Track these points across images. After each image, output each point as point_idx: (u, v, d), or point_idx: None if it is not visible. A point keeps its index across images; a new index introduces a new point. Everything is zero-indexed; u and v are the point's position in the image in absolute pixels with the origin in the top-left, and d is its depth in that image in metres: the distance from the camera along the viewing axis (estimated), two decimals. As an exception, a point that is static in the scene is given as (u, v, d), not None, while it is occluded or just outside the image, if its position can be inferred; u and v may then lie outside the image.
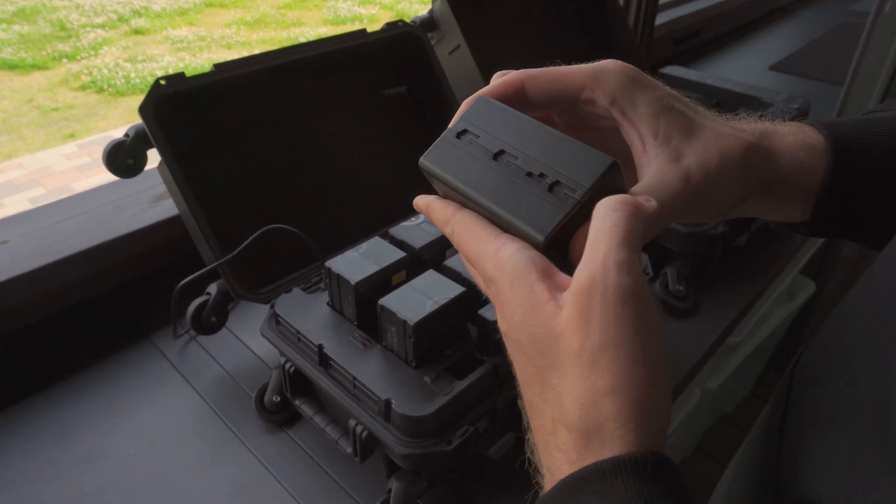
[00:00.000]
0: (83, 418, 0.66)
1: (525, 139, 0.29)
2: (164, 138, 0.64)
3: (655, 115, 0.30)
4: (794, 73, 1.58)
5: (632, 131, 0.31)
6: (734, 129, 0.32)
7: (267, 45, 4.77)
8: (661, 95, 0.31)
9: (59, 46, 4.56)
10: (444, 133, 0.31)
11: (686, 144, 0.30)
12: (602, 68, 0.31)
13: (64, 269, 0.72)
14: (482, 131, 0.30)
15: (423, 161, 0.31)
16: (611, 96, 0.30)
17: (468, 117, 0.31)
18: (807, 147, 0.34)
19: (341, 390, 0.56)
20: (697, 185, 0.30)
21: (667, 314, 0.81)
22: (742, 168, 0.31)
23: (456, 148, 0.30)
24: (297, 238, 0.66)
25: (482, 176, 0.29)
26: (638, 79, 0.31)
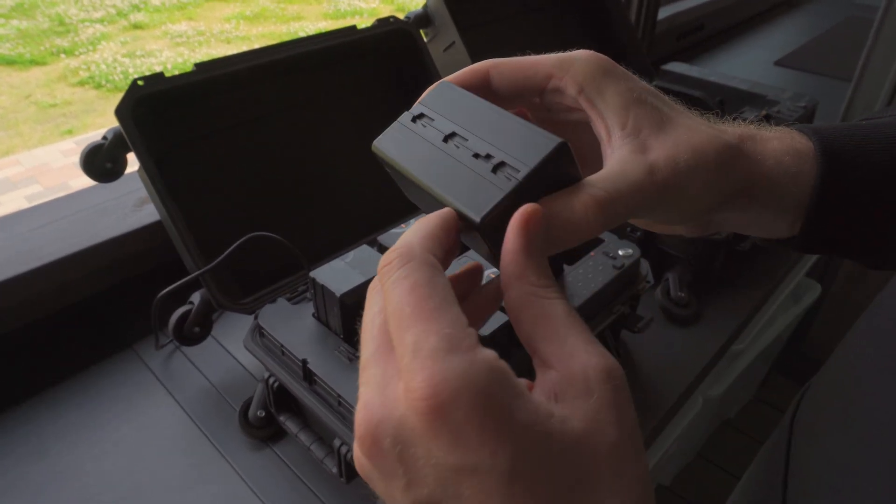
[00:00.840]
0: (60, 433, 0.64)
1: (478, 121, 0.27)
2: (142, 141, 0.61)
3: (625, 107, 0.28)
4: (800, 69, 1.55)
5: (599, 122, 0.29)
6: (713, 128, 0.29)
7: (267, 39, 4.74)
8: (633, 87, 0.29)
9: (57, 42, 4.53)
10: (400, 117, 0.30)
11: (655, 138, 0.28)
12: (571, 56, 0.29)
13: (42, 277, 0.69)
14: (437, 115, 0.29)
15: (375, 145, 0.30)
16: (578, 85, 0.28)
17: (427, 101, 0.29)
18: (794, 152, 0.31)
19: (326, 408, 0.53)
20: (665, 179, 0.27)
21: (668, 322, 0.79)
22: (717, 169, 0.29)
23: (409, 132, 0.29)
24: (281, 246, 0.63)
25: (430, 159, 0.27)
26: (609, 68, 0.29)
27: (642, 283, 0.66)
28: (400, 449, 0.20)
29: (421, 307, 0.21)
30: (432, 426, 0.19)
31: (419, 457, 0.20)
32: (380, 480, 0.21)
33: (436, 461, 0.19)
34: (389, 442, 0.20)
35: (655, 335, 0.77)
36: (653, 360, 0.73)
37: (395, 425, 0.20)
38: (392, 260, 0.23)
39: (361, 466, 0.22)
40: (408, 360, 0.20)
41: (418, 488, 0.20)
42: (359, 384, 0.22)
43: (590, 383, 0.21)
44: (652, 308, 0.79)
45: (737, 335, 0.81)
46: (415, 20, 0.89)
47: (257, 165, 0.72)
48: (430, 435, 0.19)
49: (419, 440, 0.19)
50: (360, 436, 0.21)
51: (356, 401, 0.53)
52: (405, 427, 0.20)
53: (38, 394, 0.68)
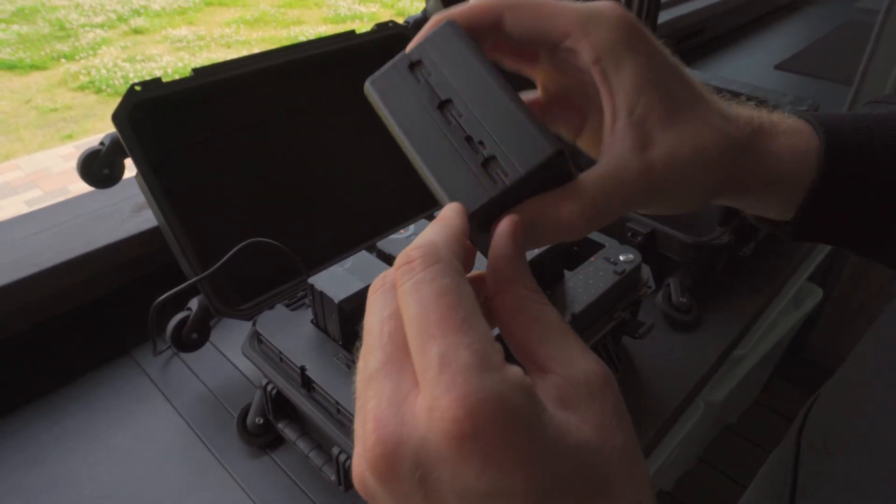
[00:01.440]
0: (56, 440, 0.63)
1: (477, 95, 0.25)
2: (139, 147, 0.61)
3: (638, 89, 0.26)
4: (800, 73, 1.54)
5: (608, 100, 0.27)
6: (723, 121, 0.28)
7: (267, 43, 4.74)
8: (653, 65, 0.27)
9: (57, 46, 4.53)
10: (396, 57, 0.28)
11: (660, 131, 0.27)
12: (595, 15, 0.26)
13: (39, 283, 0.69)
14: (436, 69, 0.27)
15: (368, 85, 0.28)
16: (596, 53, 0.26)
17: (427, 45, 0.27)
18: (799, 151, 0.30)
19: (324, 415, 0.53)
20: (659, 179, 0.26)
21: (669, 327, 0.78)
22: (715, 166, 0.28)
23: (404, 81, 0.27)
24: (280, 252, 0.63)
25: (420, 124, 0.26)
26: (631, 39, 0.26)
27: (643, 289, 0.66)
28: (421, 473, 0.18)
29: (449, 317, 0.19)
30: (462, 450, 0.17)
31: (443, 482, 0.18)
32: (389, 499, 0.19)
33: (462, 486, 0.18)
34: (409, 466, 0.18)
35: (657, 341, 0.76)
36: (654, 366, 0.73)
37: (417, 447, 0.18)
38: (414, 259, 0.21)
39: (366, 487, 0.20)
40: (432, 374, 0.18)
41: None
42: (358, 394, 0.20)
43: (592, 388, 0.21)
44: (653, 313, 0.79)
45: (738, 340, 0.81)
46: (414, 25, 0.88)
47: (255, 171, 0.71)
48: (458, 459, 0.18)
49: (445, 464, 0.18)
50: (373, 457, 0.19)
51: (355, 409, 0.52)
52: (428, 449, 0.18)
53: (35, 401, 0.67)
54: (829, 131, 0.30)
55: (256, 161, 0.71)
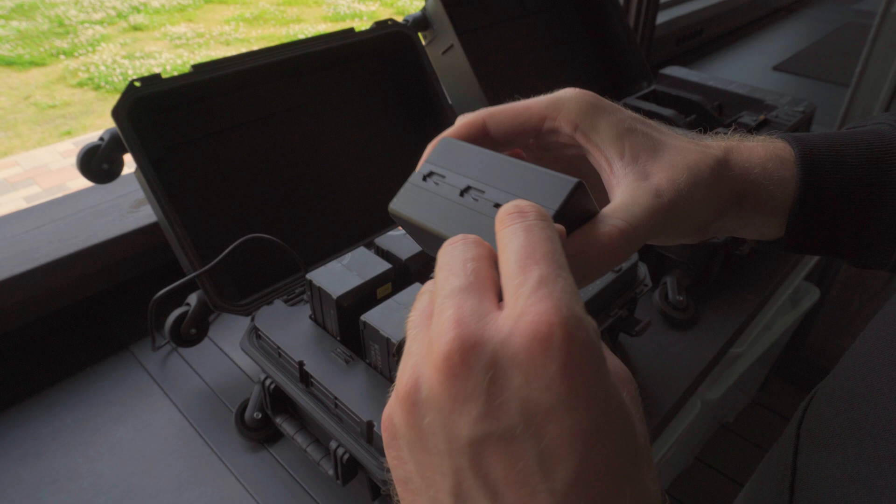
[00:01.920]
0: (55, 435, 0.63)
1: (490, 172, 0.28)
2: (139, 143, 0.61)
3: (619, 137, 0.30)
4: (798, 74, 1.55)
5: (598, 155, 0.30)
6: (700, 146, 0.31)
7: (266, 41, 4.74)
8: (623, 118, 0.30)
9: (56, 43, 4.52)
10: (410, 177, 0.30)
11: (653, 162, 0.30)
12: (560, 97, 0.31)
13: (39, 278, 0.69)
14: (447, 171, 0.29)
15: (392, 207, 0.30)
16: (573, 123, 0.30)
17: (433, 159, 0.30)
18: (777, 159, 0.33)
19: (322, 410, 0.53)
20: (670, 200, 0.29)
21: (666, 325, 0.78)
22: (711, 183, 0.30)
23: (423, 190, 0.30)
24: (279, 248, 0.63)
25: (450, 213, 0.28)
26: (597, 104, 0.30)
27: (640, 287, 0.66)
28: (493, 374, 0.19)
29: (553, 255, 0.21)
30: (543, 354, 0.18)
31: (512, 387, 0.18)
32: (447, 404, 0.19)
33: (529, 394, 0.18)
34: (484, 364, 0.19)
35: (653, 338, 0.76)
36: (651, 364, 0.73)
37: (497, 347, 0.19)
38: (527, 210, 0.23)
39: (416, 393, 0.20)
40: (528, 288, 0.19)
41: (496, 420, 0.18)
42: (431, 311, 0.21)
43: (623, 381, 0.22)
44: (650, 312, 0.79)
45: (734, 339, 0.81)
46: (413, 23, 0.89)
47: (254, 167, 0.72)
48: (536, 364, 0.18)
49: (520, 368, 0.18)
50: (447, 353, 0.19)
51: (352, 402, 0.52)
52: (508, 350, 0.19)
53: (34, 395, 0.67)
54: (800, 143, 0.33)
55: (255, 157, 0.72)
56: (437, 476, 0.20)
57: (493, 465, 0.19)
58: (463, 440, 0.19)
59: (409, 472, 0.21)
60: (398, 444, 0.21)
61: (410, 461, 0.21)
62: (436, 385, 0.19)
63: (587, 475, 0.18)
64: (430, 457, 0.20)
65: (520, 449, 0.18)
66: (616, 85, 1.17)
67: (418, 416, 0.20)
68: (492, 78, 0.92)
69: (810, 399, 0.40)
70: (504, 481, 0.19)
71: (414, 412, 0.20)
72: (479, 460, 0.19)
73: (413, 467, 0.21)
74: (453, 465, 0.19)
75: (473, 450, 0.19)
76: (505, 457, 0.18)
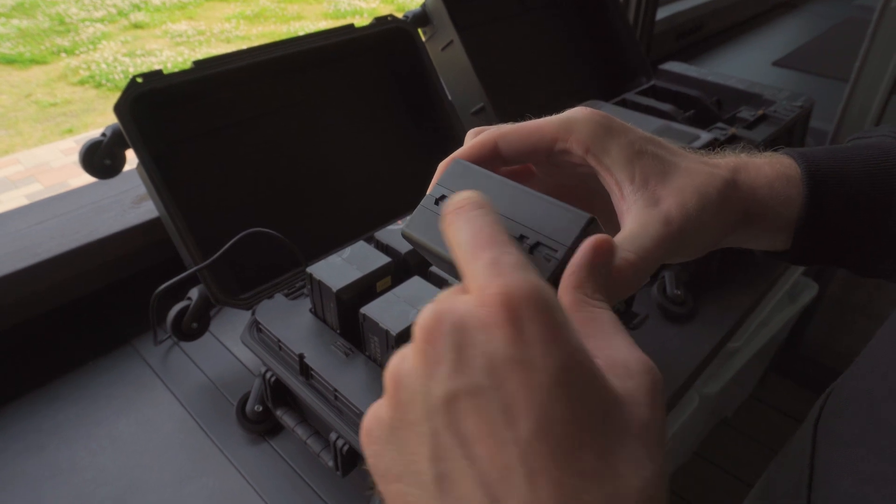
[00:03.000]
0: (58, 428, 0.64)
1: (503, 201, 0.29)
2: (140, 138, 0.61)
3: (630, 161, 0.30)
4: (798, 69, 1.55)
5: (609, 178, 0.31)
6: (709, 166, 0.32)
7: (266, 39, 4.73)
8: (633, 140, 0.31)
9: (57, 41, 4.53)
10: (423, 200, 0.31)
11: (662, 187, 0.30)
12: (571, 118, 0.31)
13: (41, 273, 0.70)
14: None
15: (406, 230, 0.31)
16: (584, 145, 0.30)
17: (445, 182, 0.31)
18: (783, 178, 0.34)
19: (322, 402, 0.54)
20: (679, 226, 0.30)
21: (665, 319, 0.79)
22: (719, 204, 0.31)
23: (436, 215, 0.30)
24: (279, 242, 0.64)
25: None
26: (609, 126, 0.31)
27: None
28: (459, 336, 0.21)
29: (498, 235, 0.23)
30: (498, 317, 0.20)
31: (475, 344, 0.20)
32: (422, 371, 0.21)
33: (491, 349, 0.20)
34: (449, 327, 0.21)
35: (651, 332, 0.77)
36: (649, 357, 0.74)
37: (461, 314, 0.21)
38: (464, 203, 0.24)
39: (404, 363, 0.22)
40: (482, 271, 0.21)
41: (463, 376, 0.20)
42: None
43: (630, 370, 0.23)
44: (648, 305, 0.79)
45: (732, 333, 0.82)
46: (413, 19, 0.89)
47: (255, 162, 0.72)
48: (494, 324, 0.20)
49: (481, 328, 0.20)
50: (423, 323, 0.21)
51: (352, 394, 0.53)
52: (470, 316, 0.21)
53: (37, 389, 0.68)
54: (806, 160, 0.34)
55: (256, 153, 0.72)
56: (417, 447, 0.21)
57: (464, 420, 0.20)
58: (437, 399, 0.20)
59: (390, 460, 0.22)
60: (374, 439, 0.22)
61: (392, 444, 0.22)
62: (413, 356, 0.21)
63: (549, 426, 0.19)
64: (411, 428, 0.21)
65: (486, 402, 0.20)
66: (615, 80, 1.18)
67: (399, 391, 0.21)
68: (491, 74, 0.92)
69: (826, 397, 0.40)
70: (475, 435, 0.20)
71: (396, 389, 0.22)
72: (453, 417, 0.20)
73: (394, 450, 0.22)
74: (430, 427, 0.20)
75: (446, 407, 0.20)
76: (474, 411, 0.20)
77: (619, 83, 1.17)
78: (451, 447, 0.20)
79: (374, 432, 0.22)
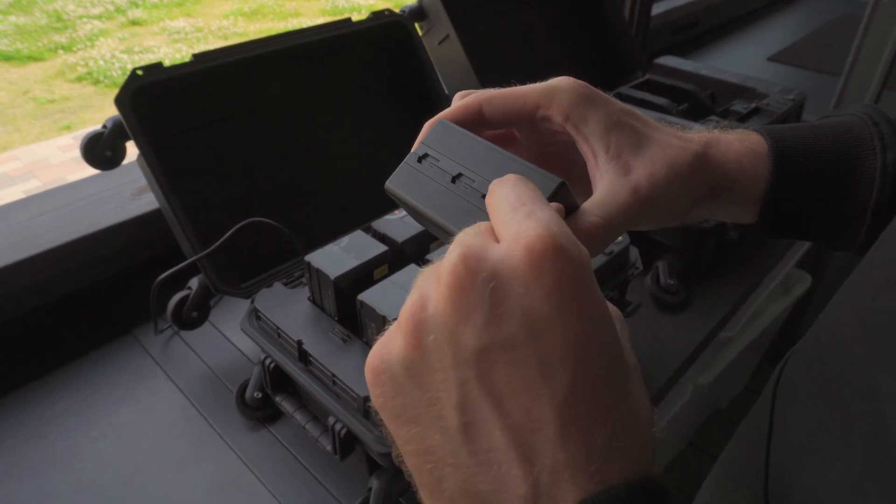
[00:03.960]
0: (59, 417, 0.65)
1: (481, 162, 0.30)
2: (141, 130, 0.62)
3: (606, 132, 0.31)
4: (793, 65, 1.56)
5: (585, 146, 0.32)
6: (682, 140, 0.33)
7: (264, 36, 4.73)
8: (612, 111, 0.32)
9: (55, 38, 4.52)
10: (406, 157, 0.32)
11: (635, 158, 0.32)
12: (555, 87, 0.32)
13: (42, 264, 0.71)
14: (442, 155, 0.31)
15: (388, 185, 0.32)
16: (564, 113, 0.31)
17: (428, 142, 0.32)
18: (751, 153, 0.35)
19: (321, 387, 0.55)
20: (647, 196, 0.31)
21: (657, 309, 0.80)
22: (688, 177, 0.32)
23: (418, 172, 0.31)
24: (278, 232, 0.65)
25: (442, 198, 0.30)
26: (589, 96, 0.32)
27: (631, 270, 0.68)
28: (494, 285, 0.20)
29: (539, 197, 0.23)
30: (539, 266, 0.20)
31: (513, 296, 0.20)
32: (452, 318, 0.20)
33: (529, 304, 0.20)
34: (484, 276, 0.20)
35: (644, 321, 0.78)
36: (641, 346, 0.75)
37: (495, 263, 0.20)
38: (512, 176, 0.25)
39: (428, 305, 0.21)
40: (520, 218, 0.21)
41: (498, 329, 0.20)
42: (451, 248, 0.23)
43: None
44: (641, 295, 0.81)
45: (725, 322, 0.83)
46: (409, 14, 0.90)
47: (254, 154, 0.73)
48: (533, 274, 0.20)
49: (520, 279, 0.20)
50: (453, 265, 0.20)
51: (350, 379, 0.54)
52: (507, 263, 0.20)
53: (38, 379, 0.69)
54: (773, 137, 0.35)
55: (255, 145, 0.73)
56: (441, 392, 0.21)
57: (497, 373, 0.20)
58: (469, 350, 0.20)
59: (404, 402, 0.22)
60: (384, 379, 0.22)
61: (410, 387, 0.22)
62: (442, 300, 0.21)
63: (584, 381, 0.20)
64: (434, 374, 0.21)
65: (522, 356, 0.20)
66: (611, 75, 1.19)
67: (423, 335, 0.21)
68: (488, 68, 0.93)
69: (785, 361, 0.42)
70: (507, 389, 0.20)
71: (418, 332, 0.21)
72: (485, 369, 0.20)
73: (413, 392, 0.22)
74: (458, 377, 0.20)
75: (479, 359, 0.20)
76: (508, 365, 0.20)
77: (615, 77, 1.18)
78: (480, 397, 0.20)
79: (386, 372, 0.22)
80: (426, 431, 0.21)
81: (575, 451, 0.20)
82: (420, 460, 0.22)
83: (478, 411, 0.20)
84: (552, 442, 0.20)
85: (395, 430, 0.23)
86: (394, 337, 0.22)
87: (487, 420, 0.20)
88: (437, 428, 0.21)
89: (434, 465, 0.21)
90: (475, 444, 0.20)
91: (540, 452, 0.20)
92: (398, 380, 0.22)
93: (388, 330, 0.23)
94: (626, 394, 0.21)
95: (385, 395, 0.22)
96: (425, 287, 0.22)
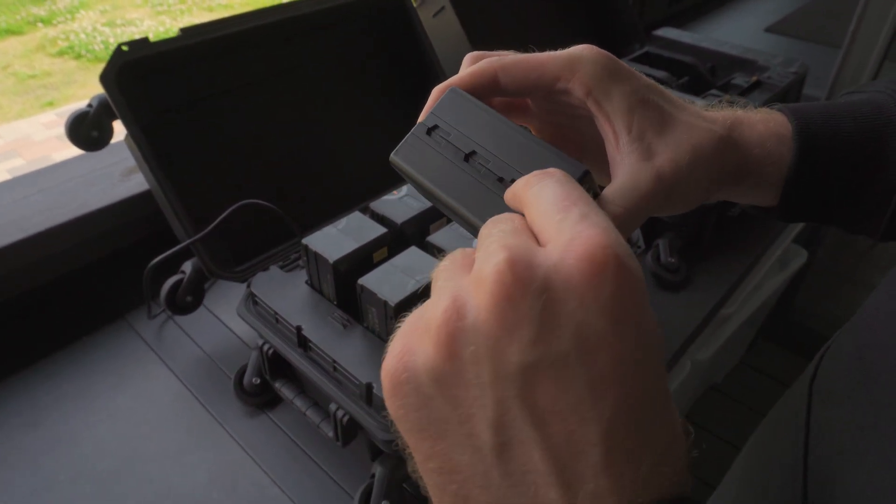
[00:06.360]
0: (54, 403, 0.64)
1: (497, 141, 0.28)
2: (128, 108, 0.60)
3: (630, 109, 0.29)
4: (790, 36, 1.54)
5: (606, 125, 0.30)
6: (707, 122, 0.32)
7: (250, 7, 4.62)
8: (637, 88, 0.30)
9: (33, 10, 4.39)
10: (414, 128, 0.30)
11: (659, 140, 0.30)
12: (578, 57, 0.29)
13: (30, 248, 0.68)
14: (453, 129, 0.29)
15: (394, 157, 0.30)
16: (586, 87, 0.29)
17: (439, 112, 0.29)
18: (776, 136, 0.33)
19: (321, 373, 0.54)
20: (670, 183, 0.29)
21: (658, 287, 0.79)
22: (712, 161, 0.31)
23: (426, 145, 0.29)
24: (273, 213, 0.63)
25: (453, 177, 0.28)
26: (614, 69, 0.29)
27: (633, 248, 0.67)
28: (548, 297, 0.18)
29: (587, 197, 0.21)
30: (596, 278, 0.18)
31: (567, 311, 0.18)
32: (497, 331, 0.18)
33: (584, 318, 0.18)
34: (536, 287, 0.18)
35: (646, 300, 0.77)
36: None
37: (549, 270, 0.18)
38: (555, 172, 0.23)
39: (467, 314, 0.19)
40: (572, 222, 0.19)
41: (547, 345, 0.18)
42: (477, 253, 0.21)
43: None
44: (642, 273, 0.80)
45: (725, 300, 0.82)
46: (404, -15, 0.87)
47: (247, 132, 0.71)
48: (589, 287, 0.18)
49: (574, 291, 0.18)
50: (499, 272, 0.18)
51: (351, 365, 0.53)
52: (561, 274, 0.18)
53: (31, 365, 0.68)
54: (799, 117, 0.33)
55: (247, 122, 0.71)
56: (476, 409, 0.19)
57: (542, 393, 0.18)
58: (512, 367, 0.18)
59: (429, 416, 0.20)
60: (407, 390, 0.20)
61: (438, 399, 0.20)
62: (485, 310, 0.19)
63: (629, 403, 0.19)
64: (469, 389, 0.19)
65: (571, 375, 0.18)
66: (609, 46, 1.15)
67: (459, 346, 0.19)
68: (484, 40, 0.90)
69: (821, 358, 0.41)
70: (551, 409, 0.18)
71: (453, 342, 0.19)
72: (528, 388, 0.18)
73: (440, 406, 0.20)
74: (497, 395, 0.19)
75: (523, 377, 0.18)
76: (556, 384, 0.18)
77: (613, 49, 1.14)
78: (521, 417, 0.18)
79: (410, 382, 0.20)
80: (453, 449, 0.20)
81: (619, 475, 0.18)
82: (444, 479, 0.20)
83: (516, 431, 0.19)
84: (595, 467, 0.18)
85: (416, 444, 0.21)
86: (420, 343, 0.20)
87: (526, 441, 0.19)
88: (466, 446, 0.19)
89: (459, 486, 0.20)
90: (510, 464, 0.19)
91: (582, 477, 0.18)
92: (424, 391, 0.20)
93: (409, 332, 0.21)
94: (670, 412, 0.20)
95: (406, 406, 0.20)
96: (459, 291, 0.20)
